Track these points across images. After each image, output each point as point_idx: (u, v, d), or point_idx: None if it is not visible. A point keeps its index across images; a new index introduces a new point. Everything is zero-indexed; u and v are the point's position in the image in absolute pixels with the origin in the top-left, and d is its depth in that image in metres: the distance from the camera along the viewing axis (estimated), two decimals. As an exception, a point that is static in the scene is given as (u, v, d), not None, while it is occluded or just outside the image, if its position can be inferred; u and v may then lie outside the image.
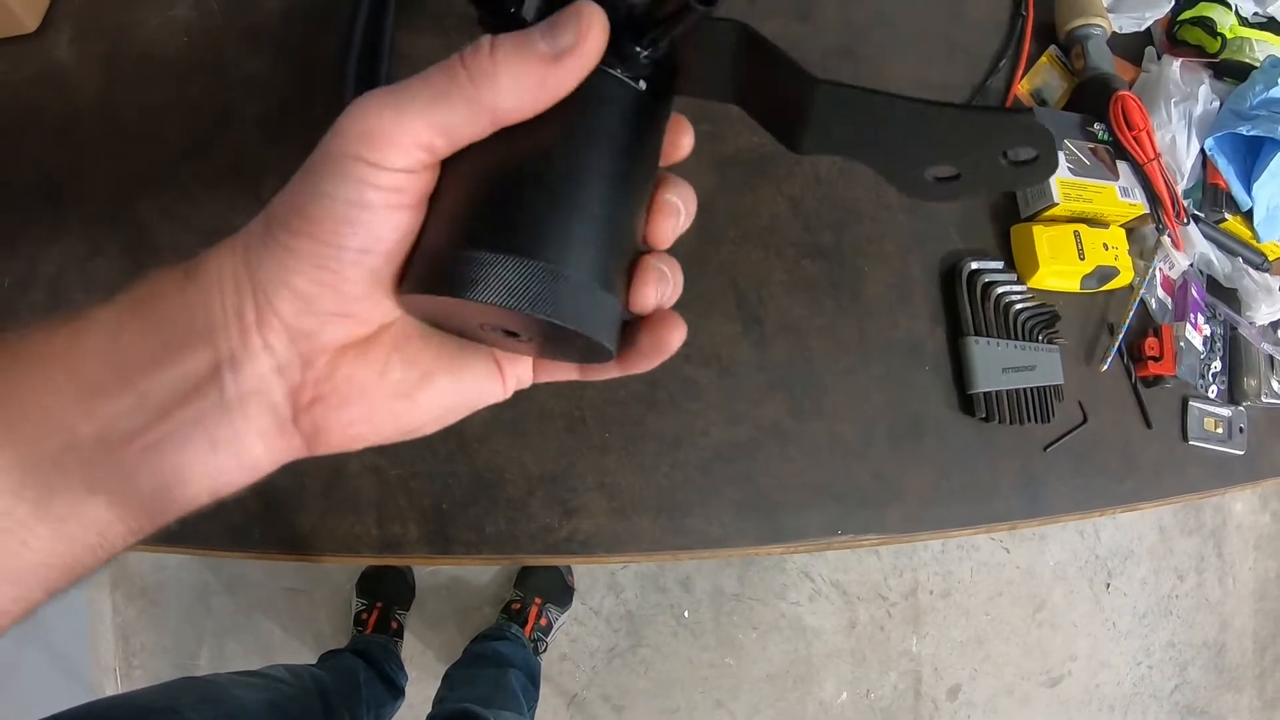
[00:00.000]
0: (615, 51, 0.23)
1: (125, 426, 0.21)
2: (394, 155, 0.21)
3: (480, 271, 0.21)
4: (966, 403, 0.66)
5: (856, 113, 0.23)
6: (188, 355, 0.21)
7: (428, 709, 1.06)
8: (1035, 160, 0.23)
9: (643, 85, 0.24)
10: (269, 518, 0.56)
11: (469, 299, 0.21)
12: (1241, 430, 0.78)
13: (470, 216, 0.23)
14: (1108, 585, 1.81)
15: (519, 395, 0.29)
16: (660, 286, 0.25)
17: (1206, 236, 0.78)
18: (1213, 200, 0.78)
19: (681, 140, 0.27)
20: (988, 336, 0.66)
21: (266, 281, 0.21)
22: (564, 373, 0.30)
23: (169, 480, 0.22)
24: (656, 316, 0.25)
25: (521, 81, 0.21)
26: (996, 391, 0.66)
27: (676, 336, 0.25)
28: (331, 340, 0.22)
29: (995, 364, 0.66)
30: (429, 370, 0.25)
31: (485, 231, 0.22)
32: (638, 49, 0.23)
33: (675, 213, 0.26)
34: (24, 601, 0.23)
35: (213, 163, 0.63)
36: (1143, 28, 0.81)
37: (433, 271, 0.22)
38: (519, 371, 0.29)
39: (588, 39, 0.21)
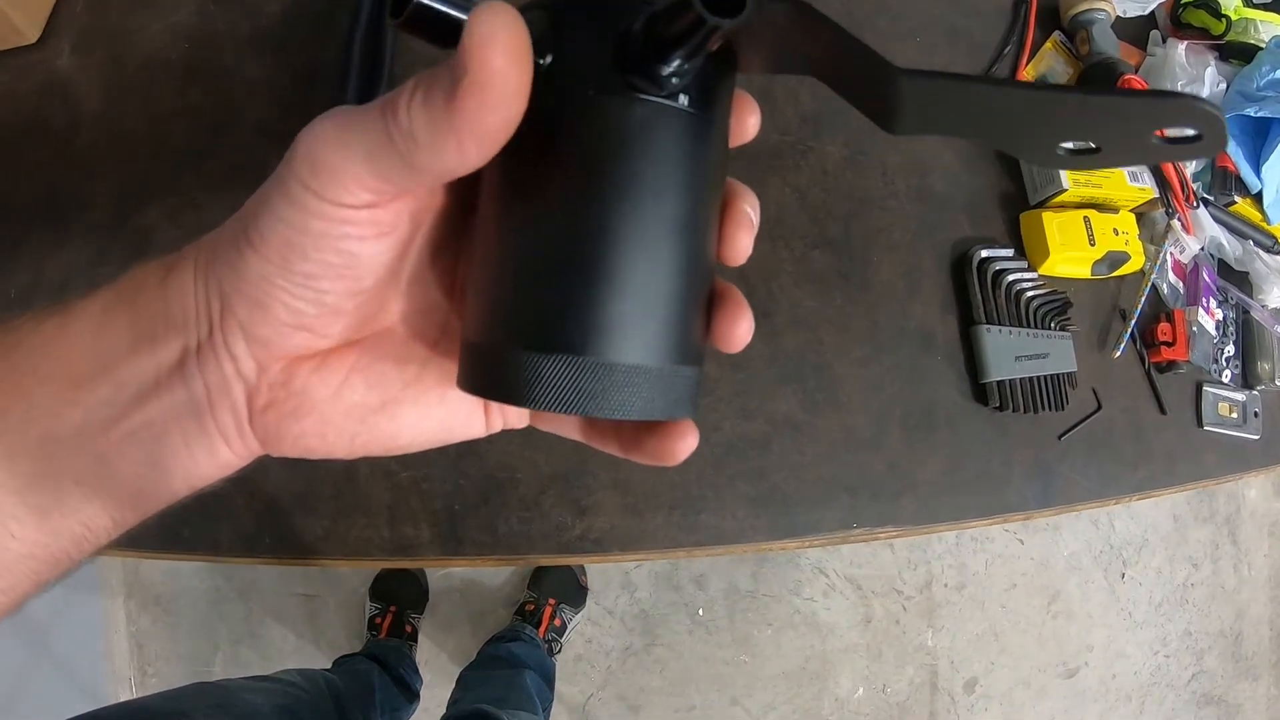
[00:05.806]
0: (642, 73, 0.19)
1: (105, 415, 0.21)
2: (338, 191, 0.19)
3: (532, 375, 0.19)
4: (979, 392, 0.66)
5: (954, 102, 0.20)
6: (161, 345, 0.21)
7: (443, 712, 1.06)
8: (1198, 138, 0.19)
9: (684, 100, 0.20)
10: (280, 523, 0.56)
11: (524, 406, 0.20)
12: (1256, 415, 0.77)
13: (513, 306, 0.20)
14: (1123, 575, 1.80)
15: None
16: (749, 321, 0.23)
17: (1216, 220, 0.77)
18: (1222, 183, 0.77)
19: (747, 121, 0.23)
20: (999, 325, 0.66)
21: (225, 286, 0.21)
22: (569, 431, 0.28)
23: (147, 471, 0.22)
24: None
25: (437, 137, 0.17)
26: (1010, 380, 0.65)
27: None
28: (286, 349, 0.22)
29: (1008, 352, 0.65)
30: (394, 398, 0.24)
31: (532, 328, 0.20)
32: (662, 69, 0.19)
33: (750, 225, 0.23)
34: (13, 592, 0.23)
35: (216, 167, 0.63)
36: (1147, 11, 0.80)
37: (482, 374, 0.21)
38: (510, 413, 0.27)
39: (485, 65, 0.16)
